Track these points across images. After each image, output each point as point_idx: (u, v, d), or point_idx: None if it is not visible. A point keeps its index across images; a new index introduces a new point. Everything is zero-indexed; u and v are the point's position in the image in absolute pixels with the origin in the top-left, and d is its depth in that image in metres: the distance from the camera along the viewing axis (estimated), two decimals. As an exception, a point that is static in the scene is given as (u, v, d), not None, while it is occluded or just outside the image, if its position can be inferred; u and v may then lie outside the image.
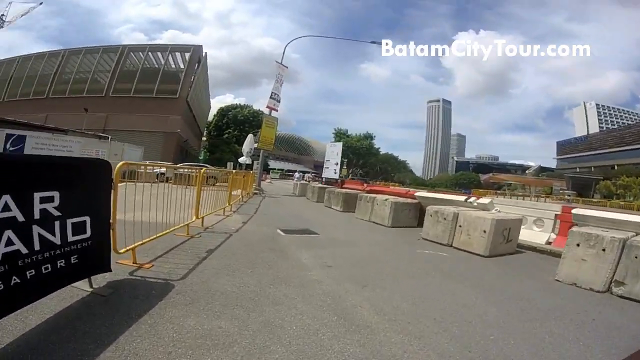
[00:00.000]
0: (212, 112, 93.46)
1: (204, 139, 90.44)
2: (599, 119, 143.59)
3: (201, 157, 75.80)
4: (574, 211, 9.52)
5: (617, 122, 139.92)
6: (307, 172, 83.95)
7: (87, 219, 3.70)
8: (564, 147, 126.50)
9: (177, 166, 12.36)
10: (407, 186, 69.78)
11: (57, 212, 3.30)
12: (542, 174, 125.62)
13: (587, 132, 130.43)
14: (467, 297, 5.45)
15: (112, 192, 4.33)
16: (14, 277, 2.91)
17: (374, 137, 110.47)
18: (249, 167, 30.71)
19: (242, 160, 29.17)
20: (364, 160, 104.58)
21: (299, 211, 16.23)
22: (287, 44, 29.39)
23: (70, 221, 3.46)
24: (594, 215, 8.94)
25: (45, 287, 3.30)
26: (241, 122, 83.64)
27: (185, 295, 4.35)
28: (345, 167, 39.58)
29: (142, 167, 7.55)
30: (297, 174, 53.67)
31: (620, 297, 5.99)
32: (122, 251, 4.86)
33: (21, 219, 2.95)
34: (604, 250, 6.35)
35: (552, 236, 10.44)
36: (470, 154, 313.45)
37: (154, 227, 6.10)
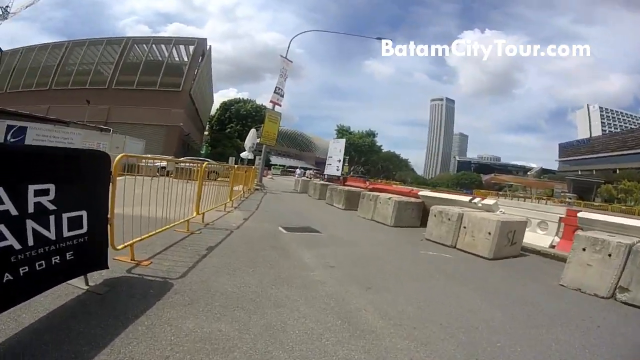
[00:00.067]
0: (215, 106, 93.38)
1: (206, 133, 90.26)
2: (602, 122, 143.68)
3: (203, 151, 75.65)
4: (580, 215, 9.52)
5: (620, 125, 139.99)
6: (309, 169, 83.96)
7: (84, 213, 3.56)
8: (566, 149, 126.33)
9: (178, 160, 12.23)
10: (409, 185, 69.75)
11: (52, 206, 3.15)
12: (544, 176, 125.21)
13: (589, 135, 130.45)
14: (473, 301, 5.35)
15: (111, 185, 4.17)
16: (7, 274, 2.79)
17: (377, 134, 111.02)
18: (251, 162, 30.58)
19: (244, 155, 29.03)
20: (365, 157, 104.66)
21: (301, 208, 16.13)
22: (292, 39, 29.02)
23: (66, 216, 3.32)
24: (600, 219, 8.93)
25: (39, 284, 3.18)
26: (244, 116, 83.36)
27: (184, 295, 4.22)
28: (346, 164, 39.39)
29: (143, 161, 7.41)
30: (298, 170, 53.66)
31: (624, 303, 5.91)
32: (120, 247, 4.71)
33: (14, 212, 2.81)
34: (609, 255, 6.24)
35: (556, 239, 10.31)
36: (472, 154, 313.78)
37: (153, 222, 5.93)
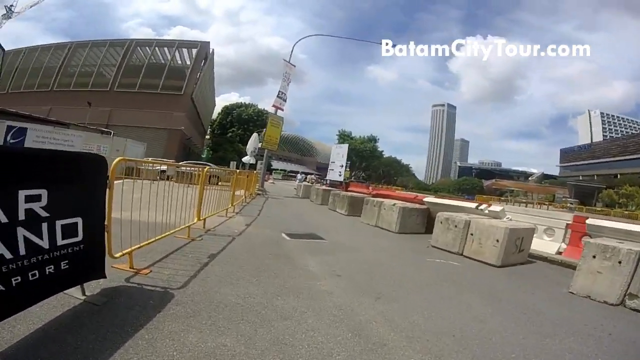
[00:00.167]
0: (217, 110, 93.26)
1: (207, 137, 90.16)
2: (603, 128, 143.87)
3: (204, 155, 75.56)
4: (588, 221, 9.43)
5: (621, 131, 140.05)
6: (310, 174, 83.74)
7: (79, 220, 3.36)
8: (567, 154, 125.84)
9: (178, 164, 12.06)
10: (410, 190, 69.80)
11: (44, 213, 2.95)
12: (545, 181, 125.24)
13: (590, 141, 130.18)
14: (484, 310, 5.19)
15: (108, 191, 3.96)
16: (-3, 285, 2.59)
17: (378, 139, 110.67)
18: (253, 166, 30.41)
19: (245, 159, 28.90)
20: (367, 163, 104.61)
21: (303, 214, 15.98)
22: (296, 43, 28.83)
23: (59, 223, 3.12)
24: (609, 226, 8.84)
25: (32, 295, 2.99)
26: (245, 121, 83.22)
27: (185, 306, 4.00)
28: (348, 169, 39.26)
29: (142, 164, 7.21)
30: (299, 175, 53.24)
31: (633, 310, 5.88)
32: (118, 255, 4.50)
33: (4, 220, 2.62)
34: (620, 262, 6.16)
35: (563, 246, 10.19)
36: (473, 160, 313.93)
37: (153, 227, 5.71)
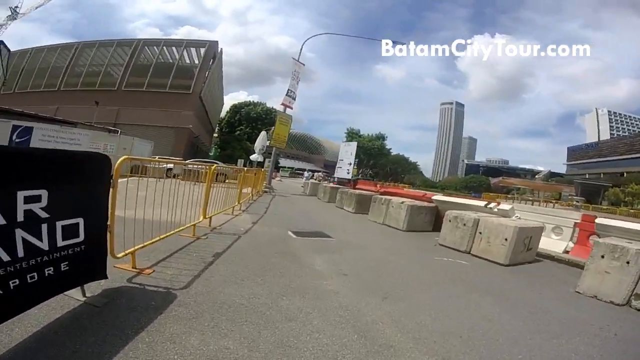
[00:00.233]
0: (225, 108, 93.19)
1: (215, 135, 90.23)
2: (610, 126, 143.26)
3: (212, 153, 75.65)
4: (597, 221, 9.37)
5: (628, 129, 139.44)
6: (318, 171, 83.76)
7: (81, 221, 3.30)
8: (574, 153, 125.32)
9: (185, 162, 12.03)
10: (417, 188, 69.75)
11: (44, 214, 2.89)
12: (552, 180, 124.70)
13: (598, 139, 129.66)
14: (492, 310, 5.13)
15: (112, 190, 3.90)
16: (-4, 288, 2.54)
17: (386, 137, 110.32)
18: (260, 164, 30.38)
19: (253, 157, 28.79)
20: (374, 160, 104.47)
21: (310, 211, 15.91)
22: (305, 42, 28.72)
23: (60, 224, 3.06)
24: (618, 225, 8.78)
25: (31, 298, 2.94)
26: (254, 119, 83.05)
27: (188, 307, 3.93)
28: (355, 167, 39.22)
29: (147, 163, 7.17)
30: (306, 172, 53.37)
31: (639, 310, 5.84)
32: (120, 256, 4.45)
33: (2, 221, 2.57)
34: (628, 263, 6.10)
35: (570, 245, 10.13)
36: (480, 157, 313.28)
37: (157, 226, 5.66)
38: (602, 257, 6.42)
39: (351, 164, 30.35)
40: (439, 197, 13.99)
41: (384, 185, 34.47)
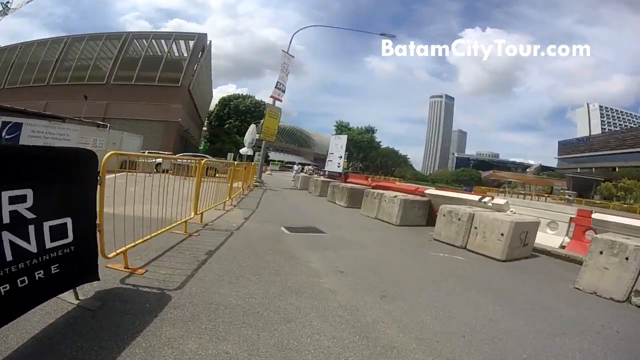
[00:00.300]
0: (214, 101, 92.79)
1: (204, 128, 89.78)
2: (601, 121, 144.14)
3: (201, 147, 75.36)
4: (594, 216, 9.38)
5: (619, 124, 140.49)
6: (307, 165, 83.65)
7: (68, 220, 3.15)
8: (565, 147, 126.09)
9: (174, 157, 11.87)
10: (407, 181, 69.90)
11: (31, 214, 2.74)
12: (543, 173, 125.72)
13: (589, 133, 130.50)
14: (492, 308, 5.06)
15: (99, 187, 3.75)
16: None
17: (376, 130, 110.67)
18: (250, 158, 30.21)
19: (243, 151, 28.59)
20: (364, 153, 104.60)
21: (302, 206, 15.80)
22: (294, 34, 28.59)
23: (47, 224, 2.91)
24: (615, 221, 8.72)
25: (22, 303, 2.80)
26: (243, 112, 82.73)
27: (184, 309, 3.80)
28: (346, 160, 39.18)
29: (136, 158, 7.01)
30: (296, 166, 53.06)
31: (639, 307, 5.81)
32: (112, 256, 4.29)
33: (-12, 224, 2.41)
34: (627, 259, 6.05)
35: (566, 240, 10.10)
36: (470, 151, 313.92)
37: (148, 223, 5.51)
38: (601, 253, 6.38)
39: (342, 157, 30.30)
40: (432, 191, 13.93)
41: (376, 178, 34.42)
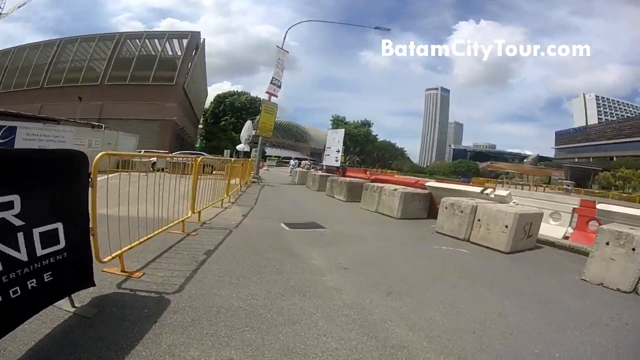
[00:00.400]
0: (209, 99, 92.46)
1: (200, 126, 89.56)
2: (597, 111, 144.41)
3: (198, 145, 75.14)
4: (599, 206, 9.33)
5: (616, 114, 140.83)
6: (304, 159, 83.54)
7: (59, 225, 2.99)
8: (562, 137, 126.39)
9: (169, 155, 11.74)
10: (405, 173, 69.91)
11: (19, 222, 2.59)
12: (540, 164, 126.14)
13: (585, 123, 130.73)
14: (500, 303, 4.95)
15: (91, 189, 3.58)
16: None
17: (372, 124, 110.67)
18: (247, 154, 30.06)
19: (239, 147, 28.45)
20: (361, 147, 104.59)
21: (301, 201, 15.67)
22: (288, 29, 28.59)
23: (37, 231, 2.75)
24: (620, 211, 8.71)
25: (17, 314, 2.66)
26: (238, 109, 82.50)
27: (184, 314, 3.66)
28: (342, 154, 39.15)
29: (129, 157, 6.87)
30: (292, 161, 52.99)
31: None
32: (107, 260, 4.16)
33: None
34: (633, 249, 5.96)
35: (570, 230, 10.03)
36: (467, 142, 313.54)
37: (144, 223, 5.38)
38: (607, 244, 6.30)
39: (339, 152, 30.12)
40: (432, 183, 13.82)
41: (374, 172, 34.30)
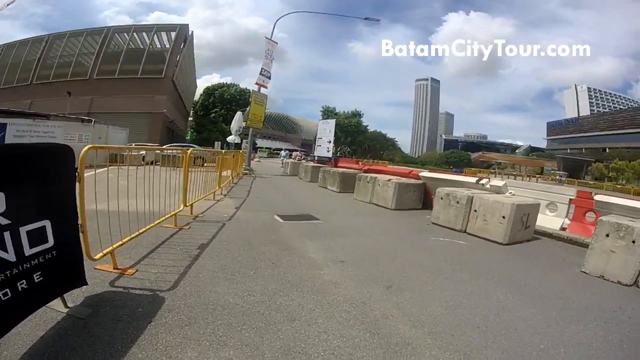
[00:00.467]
0: (199, 91, 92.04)
1: (190, 119, 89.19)
2: (589, 102, 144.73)
3: (188, 137, 74.98)
4: (597, 198, 9.25)
5: (608, 106, 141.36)
6: (295, 150, 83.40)
7: (47, 223, 2.85)
8: (554, 128, 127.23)
9: (159, 148, 11.57)
10: (396, 164, 69.94)
11: (5, 220, 2.44)
12: (532, 154, 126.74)
13: (577, 115, 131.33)
14: (501, 296, 4.88)
15: (78, 184, 3.42)
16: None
17: (362, 114, 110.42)
18: (237, 146, 29.90)
19: (230, 139, 28.29)
20: (352, 138, 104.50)
21: (294, 193, 15.57)
22: (277, 21, 28.29)
23: (24, 230, 2.61)
24: (619, 203, 8.65)
25: (8, 318, 2.53)
26: (228, 101, 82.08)
27: (179, 312, 3.52)
28: (333, 144, 39.07)
29: (117, 151, 6.72)
30: (283, 152, 52.80)
31: None
32: (98, 257, 4.01)
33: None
34: (633, 242, 5.92)
35: (566, 221, 9.98)
36: (458, 133, 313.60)
37: (135, 217, 5.21)
38: (607, 236, 6.25)
39: (330, 142, 30.00)
40: (426, 173, 13.71)
41: (366, 162, 34.16)
